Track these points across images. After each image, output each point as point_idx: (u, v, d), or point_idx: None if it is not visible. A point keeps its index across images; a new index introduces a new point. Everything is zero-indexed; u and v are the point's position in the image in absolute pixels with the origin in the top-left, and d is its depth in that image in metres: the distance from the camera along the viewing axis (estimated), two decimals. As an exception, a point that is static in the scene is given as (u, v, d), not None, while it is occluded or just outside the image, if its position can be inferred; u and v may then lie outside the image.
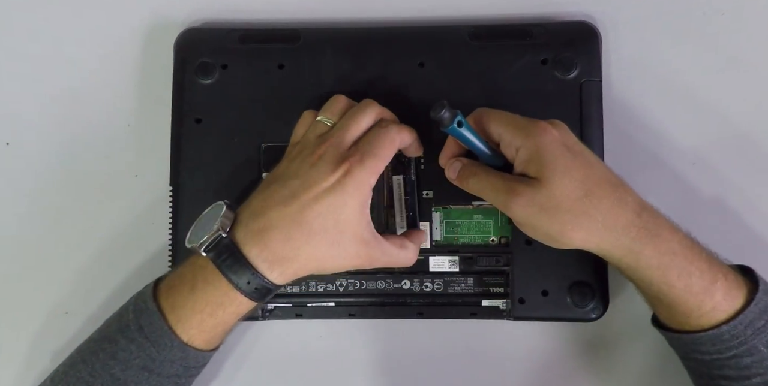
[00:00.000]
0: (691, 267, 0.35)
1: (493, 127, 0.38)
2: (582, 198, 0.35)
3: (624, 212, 0.36)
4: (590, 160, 0.37)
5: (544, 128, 0.36)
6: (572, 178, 0.35)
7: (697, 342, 0.36)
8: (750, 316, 0.35)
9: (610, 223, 0.35)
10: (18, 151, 0.45)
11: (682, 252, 0.36)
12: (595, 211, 0.35)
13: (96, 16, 0.45)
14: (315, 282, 0.41)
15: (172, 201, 0.41)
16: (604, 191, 0.36)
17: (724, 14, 0.44)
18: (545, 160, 0.36)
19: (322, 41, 0.42)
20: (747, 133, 0.43)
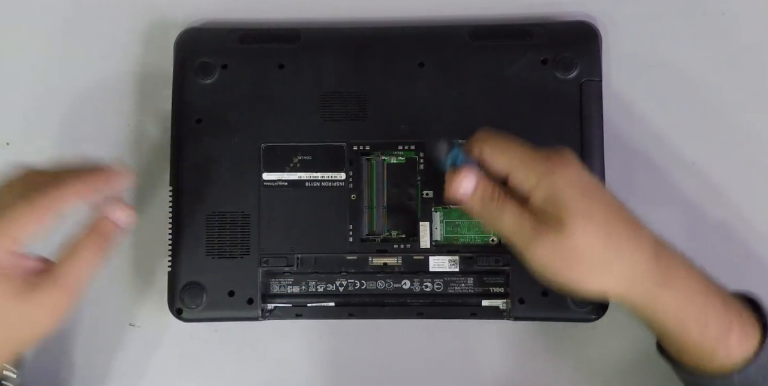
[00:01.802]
0: (708, 311, 0.34)
1: (501, 160, 0.35)
2: (604, 244, 0.33)
3: (642, 256, 0.34)
4: (605, 196, 0.35)
5: (559, 164, 0.34)
6: (595, 222, 0.33)
7: (704, 383, 0.35)
8: (763, 361, 0.34)
9: (629, 271, 0.34)
10: (18, 151, 0.45)
11: (699, 296, 0.35)
12: (616, 258, 0.33)
13: (96, 15, 0.45)
14: (315, 282, 0.42)
15: (172, 201, 0.41)
16: (623, 232, 0.34)
17: (724, 14, 0.44)
18: (566, 202, 0.33)
19: (322, 41, 0.42)
20: (747, 132, 0.43)
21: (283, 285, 0.42)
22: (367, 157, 0.42)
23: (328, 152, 0.42)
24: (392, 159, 0.42)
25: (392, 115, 0.42)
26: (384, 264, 0.41)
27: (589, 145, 0.41)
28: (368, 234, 0.42)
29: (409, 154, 0.42)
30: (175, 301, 0.41)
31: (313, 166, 0.42)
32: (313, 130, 0.42)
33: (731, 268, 0.42)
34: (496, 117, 0.41)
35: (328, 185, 0.42)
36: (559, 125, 0.41)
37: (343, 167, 0.42)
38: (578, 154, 0.40)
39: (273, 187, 0.42)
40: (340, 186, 0.42)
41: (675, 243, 0.42)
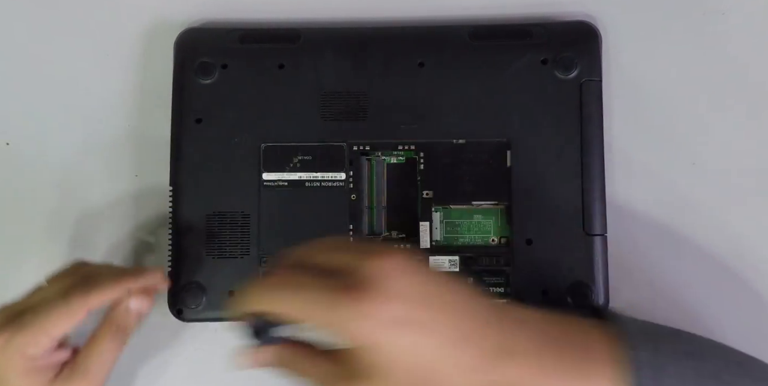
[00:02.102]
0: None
1: (289, 314, 0.29)
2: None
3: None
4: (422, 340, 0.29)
5: (362, 299, 0.28)
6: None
7: None
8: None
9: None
10: (18, 151, 0.45)
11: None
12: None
13: (96, 16, 0.45)
14: (315, 282, 0.42)
15: (172, 202, 0.41)
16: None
17: (724, 14, 0.44)
18: (366, 360, 0.29)
19: (322, 41, 0.42)
20: (747, 132, 0.43)
21: (283, 285, 0.42)
22: (367, 157, 0.42)
23: (328, 152, 0.42)
24: (392, 159, 0.42)
25: (392, 115, 0.42)
26: (384, 264, 0.41)
27: (589, 145, 0.41)
28: (368, 235, 0.42)
29: (409, 154, 0.42)
30: (175, 301, 0.41)
31: (313, 166, 0.42)
32: (313, 130, 0.42)
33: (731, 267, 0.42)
34: (496, 117, 0.41)
35: (328, 185, 0.42)
36: (559, 125, 0.41)
37: (343, 167, 0.42)
38: (578, 155, 0.41)
39: (273, 187, 0.42)
40: (340, 186, 0.42)
41: (676, 244, 0.42)
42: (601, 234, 0.40)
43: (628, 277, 0.42)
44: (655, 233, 0.42)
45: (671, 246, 0.42)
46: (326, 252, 0.31)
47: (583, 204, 0.40)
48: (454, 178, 0.41)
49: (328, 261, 0.30)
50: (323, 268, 0.30)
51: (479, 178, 0.41)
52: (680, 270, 0.42)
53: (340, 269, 0.29)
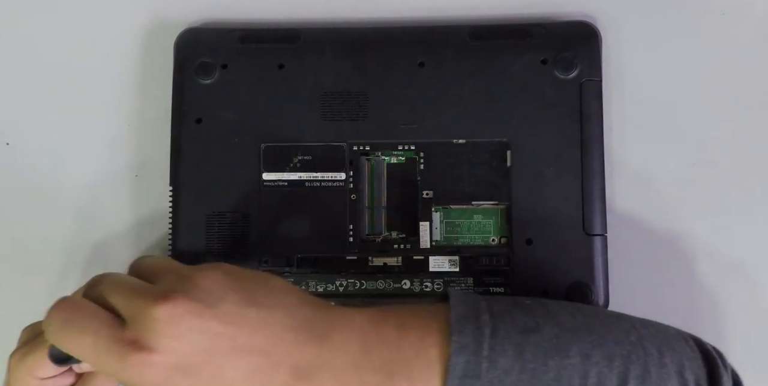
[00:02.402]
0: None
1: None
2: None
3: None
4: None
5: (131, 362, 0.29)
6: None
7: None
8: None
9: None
10: (18, 151, 0.45)
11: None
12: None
13: (96, 16, 0.45)
14: (315, 282, 0.42)
15: (172, 202, 0.42)
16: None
17: (724, 14, 0.44)
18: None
19: (322, 41, 0.42)
20: (747, 133, 0.43)
21: (283, 285, 0.42)
22: (367, 157, 0.42)
23: (328, 152, 0.42)
24: (392, 159, 0.42)
25: (392, 115, 0.42)
26: (384, 265, 0.41)
27: (589, 145, 0.41)
28: (368, 235, 0.42)
29: (409, 154, 0.42)
30: (175, 301, 0.41)
31: (313, 166, 0.42)
32: (313, 130, 0.42)
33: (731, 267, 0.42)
34: (496, 117, 0.41)
35: (328, 185, 0.42)
36: (559, 125, 0.41)
37: (343, 167, 0.42)
38: (578, 155, 0.41)
39: (273, 186, 0.42)
40: (340, 186, 0.42)
41: (676, 244, 0.42)
42: (601, 235, 0.40)
43: (628, 277, 0.42)
44: (655, 233, 0.42)
45: (671, 247, 0.42)
46: (119, 291, 0.31)
47: (583, 204, 0.40)
48: (454, 178, 0.41)
49: (117, 304, 0.31)
50: (114, 308, 0.31)
51: (479, 178, 0.41)
52: (680, 270, 0.42)
53: (126, 315, 0.30)
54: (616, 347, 0.31)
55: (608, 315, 0.33)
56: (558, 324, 0.31)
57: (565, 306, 0.33)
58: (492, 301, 0.32)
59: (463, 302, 0.32)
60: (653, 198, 0.43)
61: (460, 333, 0.30)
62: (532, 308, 0.32)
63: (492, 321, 0.31)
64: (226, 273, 0.32)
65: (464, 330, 0.30)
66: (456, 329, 0.30)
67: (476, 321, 0.31)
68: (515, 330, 0.31)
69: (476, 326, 0.31)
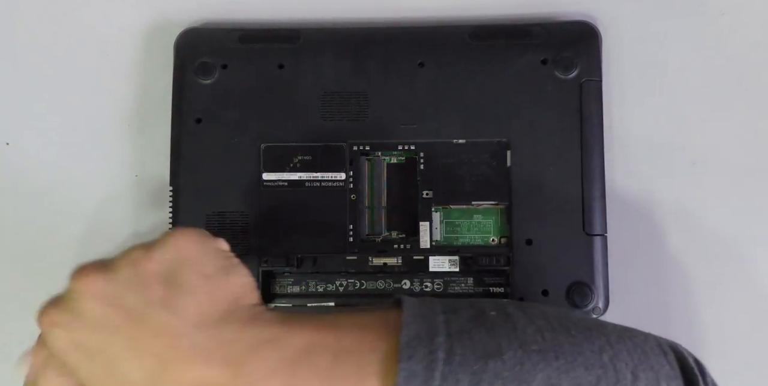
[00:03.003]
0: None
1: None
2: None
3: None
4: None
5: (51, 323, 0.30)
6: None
7: None
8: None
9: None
10: (18, 151, 0.45)
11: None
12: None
13: (96, 15, 0.45)
14: (315, 282, 0.42)
15: (172, 201, 0.42)
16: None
17: (724, 14, 0.44)
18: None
19: (322, 41, 0.42)
20: (748, 132, 0.43)
21: (283, 285, 0.42)
22: (367, 157, 0.42)
23: (328, 152, 0.42)
24: (392, 159, 0.42)
25: (392, 115, 0.42)
26: (384, 264, 0.41)
27: (589, 145, 0.41)
28: (368, 235, 0.42)
29: (409, 154, 0.42)
30: (175, 301, 0.41)
31: (313, 166, 0.42)
32: (313, 130, 0.42)
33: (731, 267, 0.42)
34: (496, 117, 0.41)
35: (328, 185, 0.42)
36: (559, 125, 0.41)
37: (343, 167, 0.42)
38: (578, 155, 0.41)
39: (273, 186, 0.42)
40: (340, 186, 0.42)
41: (676, 244, 0.42)
42: (601, 234, 0.40)
43: (628, 277, 0.42)
44: (655, 233, 0.42)
45: (671, 247, 0.42)
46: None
47: (583, 204, 0.40)
48: (454, 178, 0.41)
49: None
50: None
51: (479, 178, 0.41)
52: (680, 270, 0.42)
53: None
54: (585, 373, 0.27)
55: (581, 328, 0.30)
56: (522, 345, 0.28)
57: (534, 317, 0.29)
58: (451, 314, 0.29)
59: (417, 318, 0.28)
60: (653, 198, 0.43)
61: (410, 359, 0.26)
62: (496, 324, 0.29)
63: (448, 342, 0.27)
64: (163, 255, 0.30)
65: (415, 355, 0.27)
66: (405, 353, 0.27)
67: (430, 343, 0.27)
68: (474, 354, 0.27)
69: (429, 350, 0.27)
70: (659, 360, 0.29)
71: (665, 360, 0.29)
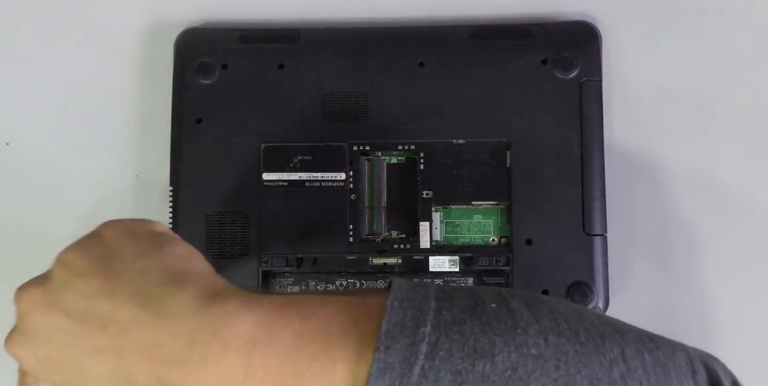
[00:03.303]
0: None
1: None
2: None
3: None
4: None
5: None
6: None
7: None
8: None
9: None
10: (18, 151, 0.45)
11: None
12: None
13: (96, 15, 0.45)
14: (315, 282, 0.42)
15: (172, 202, 0.41)
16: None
17: (724, 14, 0.44)
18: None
19: (322, 41, 0.42)
20: (747, 132, 0.43)
21: (283, 285, 0.42)
22: (367, 157, 0.42)
23: (328, 152, 0.42)
24: (392, 159, 0.42)
25: (392, 115, 0.42)
26: (384, 264, 0.41)
27: (589, 145, 0.41)
28: (368, 234, 0.42)
29: (409, 154, 0.42)
30: (175, 301, 0.41)
31: (313, 166, 0.42)
32: (313, 130, 0.42)
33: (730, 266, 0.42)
34: (496, 117, 0.41)
35: (328, 185, 0.42)
36: (559, 125, 0.41)
37: (343, 167, 0.42)
38: (578, 155, 0.41)
39: (273, 186, 0.42)
40: (340, 186, 0.42)
41: (675, 244, 0.42)
42: (601, 234, 0.40)
43: (628, 277, 0.42)
44: (655, 233, 0.42)
45: (671, 246, 0.42)
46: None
47: (583, 204, 0.40)
48: (454, 178, 0.41)
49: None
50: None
51: (479, 178, 0.41)
52: (680, 270, 0.42)
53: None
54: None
55: (594, 334, 0.25)
56: (519, 347, 0.24)
57: (541, 315, 0.25)
58: (445, 301, 0.25)
59: (403, 303, 0.25)
60: (653, 198, 0.43)
61: (388, 350, 0.23)
62: (493, 319, 0.25)
63: (434, 334, 0.24)
64: (92, 247, 0.29)
65: (394, 346, 0.23)
66: (384, 342, 0.23)
67: (413, 333, 0.24)
68: (461, 351, 0.24)
69: (411, 341, 0.24)
70: (683, 382, 0.25)
71: (692, 382, 0.25)
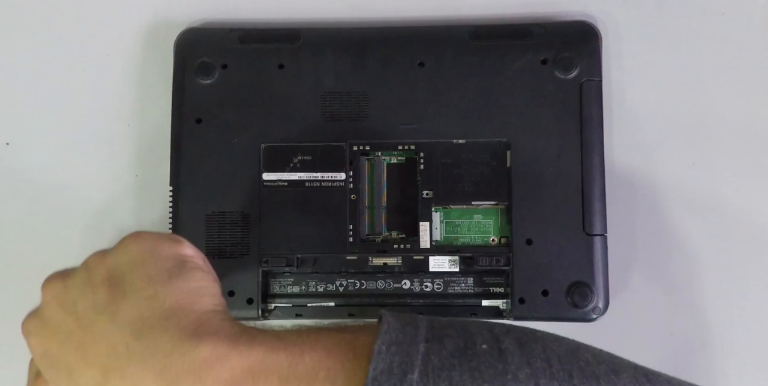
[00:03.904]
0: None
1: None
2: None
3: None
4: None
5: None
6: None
7: None
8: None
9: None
10: (18, 151, 0.45)
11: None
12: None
13: (96, 15, 0.45)
14: (315, 282, 0.42)
15: (172, 202, 0.42)
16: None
17: (724, 14, 0.44)
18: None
19: (322, 41, 0.42)
20: (747, 132, 0.43)
21: (283, 285, 0.42)
22: (367, 157, 0.42)
23: (328, 152, 0.42)
24: (392, 159, 0.42)
25: (392, 115, 0.42)
26: (384, 264, 0.41)
27: (589, 145, 0.41)
28: (368, 234, 0.42)
29: (409, 154, 0.42)
30: (175, 301, 0.41)
31: (313, 166, 0.42)
32: (313, 130, 0.42)
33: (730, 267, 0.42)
34: (496, 117, 0.41)
35: (328, 185, 0.42)
36: (559, 125, 0.41)
37: (343, 167, 0.42)
38: (578, 155, 0.41)
39: (273, 186, 0.42)
40: (340, 186, 0.42)
41: (676, 244, 0.42)
42: (601, 234, 0.40)
43: (628, 277, 0.42)
44: (655, 233, 0.42)
45: (671, 246, 0.42)
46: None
47: (583, 204, 0.40)
48: (454, 178, 0.41)
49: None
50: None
51: (479, 178, 0.41)
52: (680, 270, 0.42)
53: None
54: None
55: (588, 375, 0.25)
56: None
57: (533, 357, 0.25)
58: (435, 343, 0.25)
59: (391, 347, 0.24)
60: (653, 198, 0.43)
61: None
62: (483, 363, 0.24)
63: (422, 381, 0.23)
64: (112, 255, 0.30)
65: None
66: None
67: (401, 380, 0.23)
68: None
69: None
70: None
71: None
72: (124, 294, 0.28)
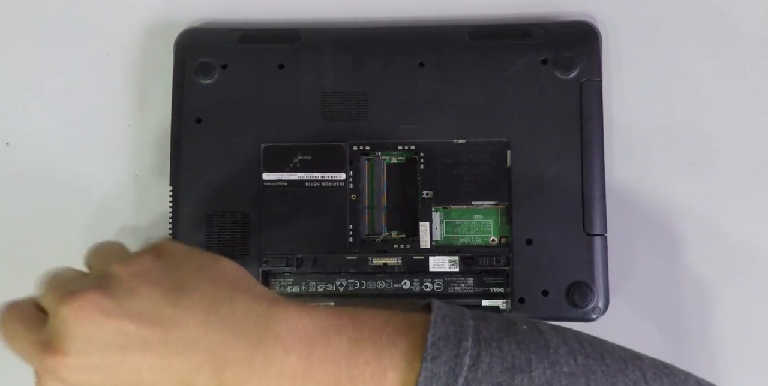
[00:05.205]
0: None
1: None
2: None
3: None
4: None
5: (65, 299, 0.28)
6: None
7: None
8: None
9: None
10: (18, 150, 0.45)
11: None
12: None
13: (96, 16, 0.45)
14: (315, 282, 0.42)
15: (172, 202, 0.42)
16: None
17: (724, 14, 0.44)
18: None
19: (322, 41, 0.42)
20: (748, 132, 0.43)
21: (283, 285, 0.42)
22: (367, 157, 0.42)
23: (328, 152, 0.42)
24: (392, 159, 0.42)
25: (392, 115, 0.42)
26: (384, 264, 0.41)
27: (589, 145, 0.41)
28: (368, 234, 0.42)
29: (409, 154, 0.42)
30: (175, 301, 0.41)
31: (313, 166, 0.42)
32: (313, 130, 0.42)
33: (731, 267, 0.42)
34: (496, 117, 0.41)
35: (328, 185, 0.42)
36: (559, 125, 0.41)
37: (343, 167, 0.42)
38: (578, 155, 0.41)
39: (273, 186, 0.42)
40: (340, 186, 0.42)
41: (676, 244, 0.42)
42: (601, 234, 0.40)
43: (628, 277, 0.42)
44: (655, 233, 0.42)
45: (671, 246, 0.42)
46: (47, 287, 0.30)
47: (583, 204, 0.40)
48: (454, 178, 0.41)
49: (43, 303, 0.29)
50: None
51: (479, 178, 0.41)
52: (680, 270, 0.42)
53: (48, 315, 0.29)
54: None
55: (616, 358, 0.28)
56: (553, 364, 0.26)
57: (568, 339, 0.28)
58: (481, 321, 0.28)
59: (446, 319, 0.27)
60: (653, 198, 0.43)
61: (435, 360, 0.26)
62: (527, 338, 0.27)
63: (475, 348, 0.26)
64: (156, 258, 0.30)
65: (440, 357, 0.26)
66: (431, 353, 0.26)
67: (457, 346, 0.26)
68: (501, 365, 0.26)
69: (455, 353, 0.26)
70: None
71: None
72: (180, 284, 0.29)
